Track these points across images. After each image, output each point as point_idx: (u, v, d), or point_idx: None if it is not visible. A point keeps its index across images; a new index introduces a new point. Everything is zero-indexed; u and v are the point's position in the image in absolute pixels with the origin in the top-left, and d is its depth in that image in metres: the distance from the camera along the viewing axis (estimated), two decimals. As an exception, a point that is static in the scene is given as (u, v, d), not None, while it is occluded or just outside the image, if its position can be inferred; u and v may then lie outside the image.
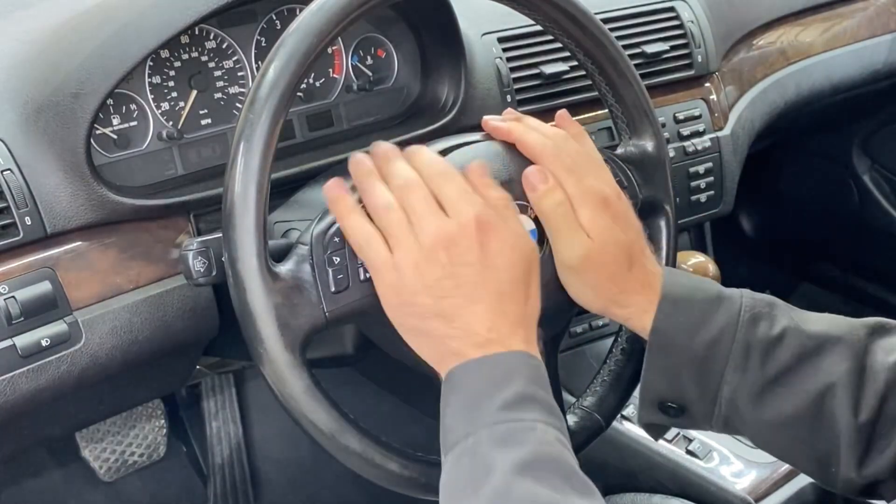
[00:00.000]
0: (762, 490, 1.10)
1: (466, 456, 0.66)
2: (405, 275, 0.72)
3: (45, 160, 0.85)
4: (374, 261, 0.74)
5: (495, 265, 0.73)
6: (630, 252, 0.81)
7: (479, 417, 0.67)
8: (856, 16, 1.60)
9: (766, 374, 0.77)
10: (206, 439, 1.63)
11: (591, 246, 0.80)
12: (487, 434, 0.66)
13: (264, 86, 0.72)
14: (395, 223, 0.74)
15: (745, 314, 0.78)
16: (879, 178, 1.87)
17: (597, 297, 0.82)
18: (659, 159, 0.93)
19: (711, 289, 0.81)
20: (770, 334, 0.77)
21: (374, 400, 1.52)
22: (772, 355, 0.77)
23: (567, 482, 0.64)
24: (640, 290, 0.81)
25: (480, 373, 0.70)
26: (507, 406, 0.67)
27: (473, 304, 0.72)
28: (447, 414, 0.70)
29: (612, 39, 0.88)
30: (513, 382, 0.68)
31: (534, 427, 0.67)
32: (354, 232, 0.75)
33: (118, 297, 0.88)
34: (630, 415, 1.20)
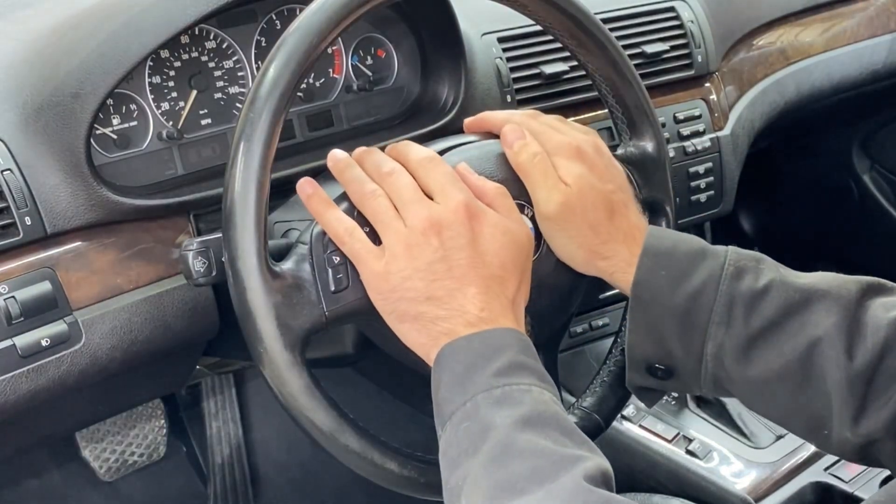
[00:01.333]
0: (762, 490, 1.10)
1: (465, 420, 0.67)
2: (396, 259, 0.73)
3: (45, 160, 0.85)
4: (359, 251, 0.74)
5: (487, 250, 0.74)
6: (610, 202, 0.81)
7: (474, 385, 0.68)
8: (856, 16, 1.60)
9: (751, 329, 0.75)
10: (206, 439, 1.63)
11: (569, 192, 0.80)
12: (484, 397, 0.67)
13: (264, 85, 0.72)
14: (383, 209, 0.74)
15: (730, 267, 0.77)
16: (879, 178, 1.87)
17: (579, 248, 0.81)
18: (659, 160, 0.93)
19: (696, 243, 0.80)
20: (755, 287, 0.76)
21: (374, 400, 1.52)
22: (756, 309, 0.75)
23: (567, 436, 0.65)
24: (622, 240, 0.80)
25: (471, 347, 0.70)
26: (501, 373, 0.68)
27: (465, 286, 0.72)
28: (440, 390, 0.70)
29: (612, 40, 0.88)
30: (504, 353, 0.69)
31: (529, 389, 0.67)
32: (334, 225, 0.75)
33: (118, 297, 0.88)
34: (630, 415, 1.20)
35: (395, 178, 0.75)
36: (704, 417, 1.20)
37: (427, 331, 0.72)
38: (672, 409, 1.21)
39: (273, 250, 0.75)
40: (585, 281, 0.89)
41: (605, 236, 0.80)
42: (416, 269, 0.72)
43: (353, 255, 0.75)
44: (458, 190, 0.75)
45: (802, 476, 1.12)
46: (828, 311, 0.74)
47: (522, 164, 0.81)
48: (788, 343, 0.75)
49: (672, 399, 1.23)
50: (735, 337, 0.76)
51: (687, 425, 1.19)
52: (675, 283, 0.77)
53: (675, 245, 0.79)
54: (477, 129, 0.88)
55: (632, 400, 1.20)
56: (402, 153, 0.79)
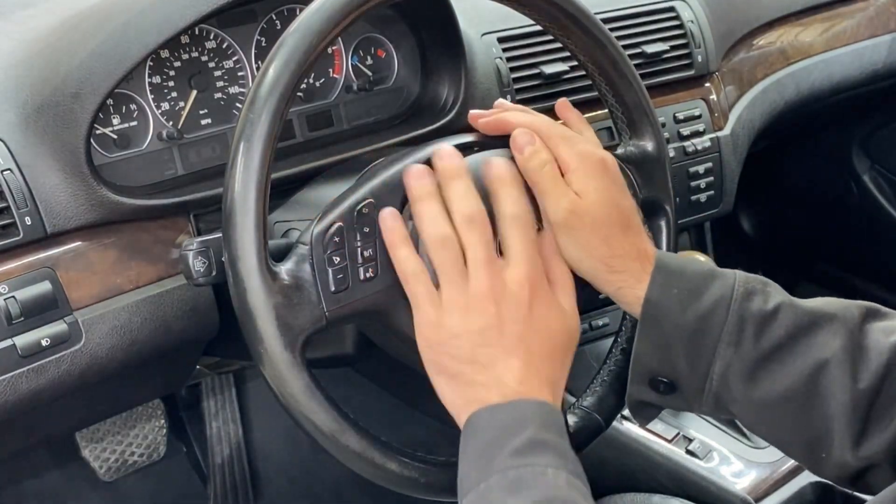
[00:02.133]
0: (762, 490, 1.10)
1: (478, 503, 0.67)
2: (450, 315, 0.73)
3: (45, 160, 0.85)
4: (420, 296, 0.74)
5: (540, 328, 0.74)
6: (628, 217, 0.81)
7: (491, 465, 0.67)
8: (856, 16, 1.60)
9: (760, 350, 0.76)
10: (206, 439, 1.63)
11: (579, 202, 0.79)
12: (498, 480, 0.66)
13: (264, 85, 0.72)
14: (450, 262, 0.74)
15: (740, 288, 0.77)
16: (879, 178, 1.87)
17: (588, 257, 0.80)
18: (659, 160, 0.93)
19: (704, 265, 0.80)
20: (765, 309, 0.76)
21: (374, 400, 1.52)
22: (766, 330, 0.76)
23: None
24: (635, 256, 0.80)
25: (494, 420, 0.70)
26: (518, 453, 0.67)
27: (510, 357, 0.72)
28: (463, 461, 0.70)
29: (612, 40, 0.88)
30: (525, 429, 0.69)
31: (544, 472, 0.67)
32: (404, 265, 0.75)
33: (118, 297, 0.88)
34: (630, 415, 1.20)
35: (472, 229, 0.75)
36: (704, 417, 1.20)
37: (461, 392, 0.73)
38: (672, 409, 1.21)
39: (273, 250, 0.75)
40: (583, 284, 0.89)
41: (619, 250, 0.80)
42: (468, 331, 0.73)
43: (412, 296, 0.75)
44: (530, 263, 0.75)
45: (802, 476, 1.12)
46: (835, 334, 0.75)
47: (531, 171, 0.80)
48: (796, 364, 0.75)
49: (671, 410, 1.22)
50: (743, 357, 0.76)
51: (687, 425, 1.19)
52: (687, 302, 0.77)
53: (685, 264, 0.80)
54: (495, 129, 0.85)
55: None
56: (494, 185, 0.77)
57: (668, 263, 0.80)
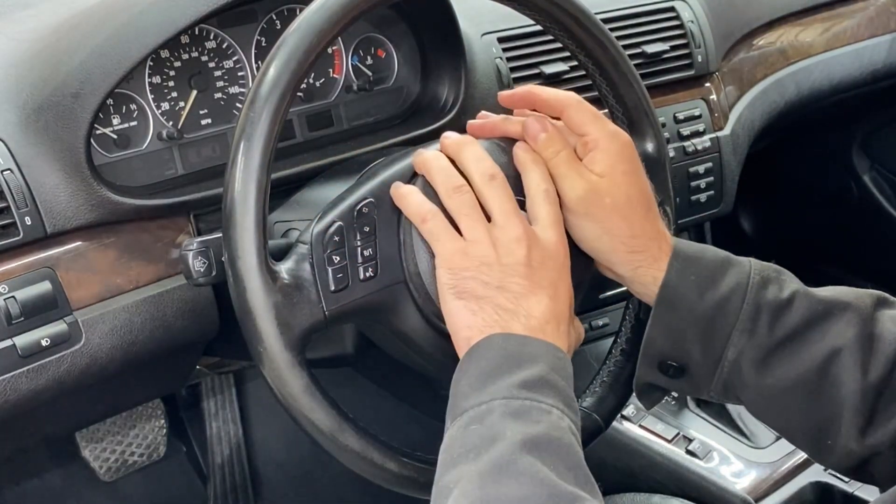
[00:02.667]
0: (762, 490, 1.10)
1: (475, 423, 0.66)
2: (477, 246, 0.73)
3: (45, 160, 0.85)
4: (439, 231, 0.74)
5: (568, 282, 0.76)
6: (649, 199, 0.81)
7: (495, 389, 0.67)
8: (856, 16, 1.60)
9: (774, 338, 0.76)
10: (206, 439, 1.63)
11: (598, 182, 0.79)
12: (501, 405, 0.66)
13: (264, 85, 0.72)
14: (468, 205, 0.75)
15: (756, 276, 0.78)
16: (879, 178, 1.87)
17: (607, 235, 0.80)
18: (659, 160, 0.92)
19: (720, 252, 0.81)
20: (780, 297, 0.77)
21: (374, 400, 1.52)
22: (781, 319, 0.76)
23: (571, 471, 0.64)
24: (654, 236, 0.80)
25: (505, 348, 0.70)
26: (526, 385, 0.67)
27: (542, 293, 0.73)
28: (462, 381, 0.69)
29: (612, 40, 0.88)
30: (536, 365, 0.68)
31: (550, 411, 0.66)
32: (416, 206, 0.75)
33: (118, 297, 0.88)
34: (630, 415, 1.20)
35: (496, 187, 0.76)
36: (704, 417, 1.20)
37: (484, 315, 0.72)
38: (672, 409, 1.21)
39: (273, 250, 0.75)
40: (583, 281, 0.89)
41: (639, 230, 0.80)
42: (499, 262, 0.73)
43: (431, 234, 0.75)
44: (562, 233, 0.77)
45: (802, 476, 1.12)
46: (848, 323, 0.75)
47: (549, 158, 0.80)
48: (809, 352, 0.76)
49: (672, 399, 1.23)
50: (757, 345, 0.77)
51: (687, 425, 1.19)
52: (703, 289, 0.78)
53: (702, 251, 0.80)
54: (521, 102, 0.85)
55: (632, 400, 1.20)
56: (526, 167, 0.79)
57: (685, 249, 0.80)
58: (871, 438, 0.73)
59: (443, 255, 0.74)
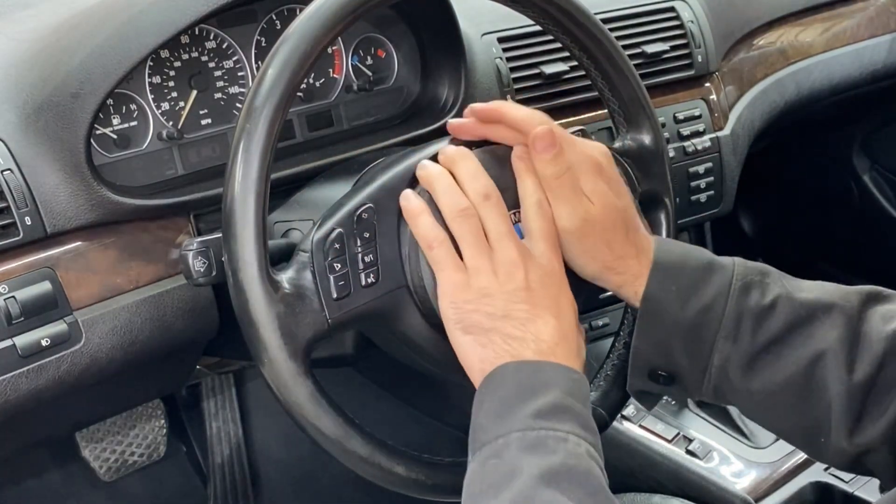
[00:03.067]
0: (762, 490, 1.10)
1: (494, 458, 0.66)
2: (478, 277, 0.73)
3: (45, 160, 0.85)
4: (444, 260, 0.74)
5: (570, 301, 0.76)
6: (625, 218, 0.81)
7: (512, 422, 0.67)
8: (856, 16, 1.60)
9: (757, 343, 0.76)
10: (206, 439, 1.63)
11: (593, 210, 0.79)
12: (518, 438, 0.66)
13: (264, 86, 0.72)
14: (473, 232, 0.75)
15: (737, 283, 0.77)
16: (879, 178, 1.86)
17: (593, 262, 0.81)
18: (657, 152, 0.92)
19: (703, 257, 0.80)
20: (762, 303, 0.77)
21: (374, 400, 1.52)
22: (763, 324, 0.76)
23: (592, 498, 0.64)
24: (635, 255, 0.80)
25: (519, 376, 0.70)
26: (541, 414, 0.67)
27: (547, 315, 0.73)
28: (480, 414, 0.70)
29: (607, 34, 0.88)
30: (550, 391, 0.69)
31: (566, 438, 0.66)
32: (426, 231, 0.75)
33: (118, 297, 0.88)
34: (630, 415, 1.20)
35: (492, 208, 0.76)
36: (704, 417, 1.20)
37: (494, 347, 0.72)
38: (672, 409, 1.21)
39: (273, 250, 0.75)
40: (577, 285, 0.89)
41: (620, 252, 0.80)
42: (501, 290, 0.73)
43: (436, 261, 0.75)
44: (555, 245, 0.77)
45: (802, 476, 1.12)
46: (832, 325, 0.75)
47: (550, 178, 0.79)
48: (793, 356, 0.76)
49: (672, 399, 1.23)
50: (741, 351, 0.77)
51: (687, 425, 1.19)
52: (685, 298, 0.78)
53: (683, 259, 0.80)
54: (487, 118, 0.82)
55: (632, 400, 1.20)
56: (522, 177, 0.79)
57: (665, 260, 0.80)
58: (861, 437, 0.73)
59: (445, 286, 0.75)
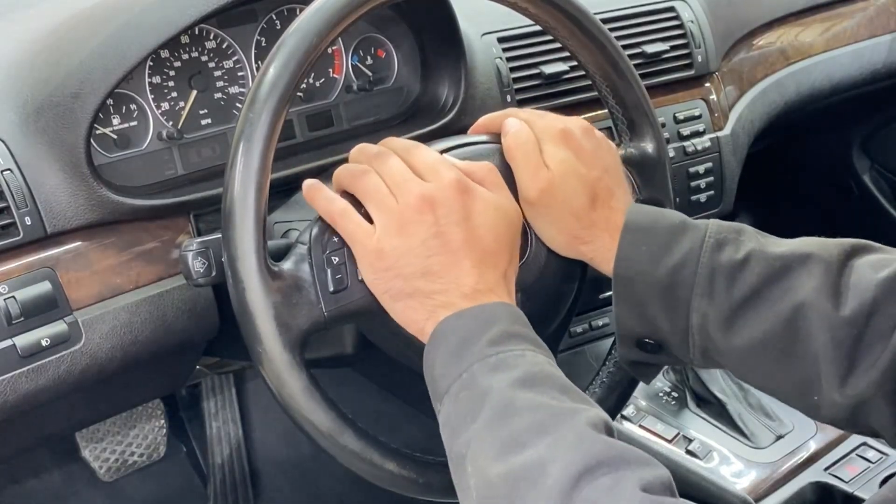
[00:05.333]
0: (762, 490, 1.10)
1: (463, 390, 0.67)
2: (389, 237, 0.73)
3: (45, 160, 0.85)
4: (354, 231, 0.74)
5: (479, 224, 0.74)
6: (593, 188, 0.81)
7: (469, 356, 0.68)
8: (856, 16, 1.60)
9: (733, 299, 0.76)
10: (206, 439, 1.63)
11: (550, 178, 0.80)
12: (480, 366, 0.67)
13: (264, 86, 0.72)
14: (373, 186, 0.75)
15: (710, 240, 0.77)
16: (879, 178, 1.87)
17: (560, 233, 0.82)
18: (659, 160, 0.93)
19: (676, 217, 0.81)
20: (735, 258, 0.76)
21: (374, 400, 1.52)
22: (737, 279, 0.76)
23: (565, 394, 0.66)
24: (604, 226, 0.81)
25: (463, 323, 0.70)
26: (495, 342, 0.68)
27: (461, 260, 0.73)
28: (436, 366, 0.70)
29: (612, 40, 0.88)
30: (497, 324, 0.70)
31: (523, 354, 0.68)
32: (325, 205, 0.75)
33: (118, 297, 0.88)
34: (630, 415, 1.20)
35: (384, 159, 0.76)
36: (704, 417, 1.20)
37: (423, 306, 0.73)
38: (672, 409, 1.21)
39: (273, 250, 0.75)
40: (574, 286, 0.89)
41: (587, 222, 0.81)
42: (411, 246, 0.72)
43: (347, 234, 0.75)
44: (448, 168, 0.76)
45: (802, 476, 1.12)
46: (809, 275, 0.75)
47: (510, 149, 0.82)
48: (771, 310, 0.75)
49: (672, 399, 1.23)
50: (718, 308, 0.76)
51: (687, 425, 1.19)
52: (657, 258, 0.78)
53: (655, 220, 0.80)
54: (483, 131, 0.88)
55: (632, 400, 1.20)
56: (387, 143, 0.80)
57: (636, 221, 0.80)
58: (853, 388, 0.72)
59: (362, 259, 0.74)
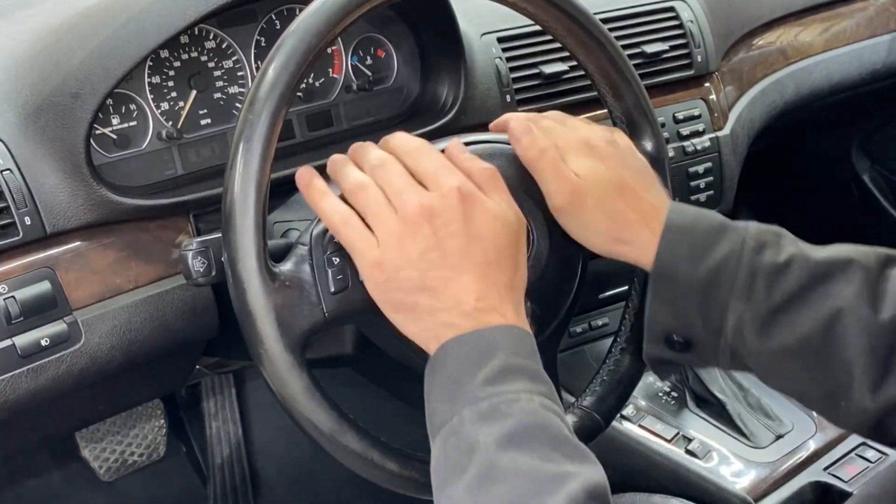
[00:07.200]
0: (762, 490, 1.10)
1: (452, 436, 0.66)
2: (389, 249, 0.72)
3: (45, 160, 0.85)
4: (355, 241, 0.73)
5: (480, 235, 0.72)
6: (622, 188, 0.81)
7: (462, 396, 0.67)
8: (856, 16, 1.60)
9: (772, 302, 0.75)
10: (206, 439, 1.63)
11: (578, 182, 0.80)
12: (470, 412, 0.65)
13: (264, 86, 0.72)
14: (373, 200, 0.73)
15: (751, 241, 0.77)
16: (879, 178, 1.86)
17: (597, 236, 0.81)
18: (658, 160, 0.93)
19: (717, 218, 0.80)
20: (776, 261, 0.76)
21: (374, 400, 1.52)
22: (778, 282, 0.75)
23: (556, 449, 0.64)
24: (643, 223, 0.80)
25: (462, 350, 0.69)
26: (489, 381, 0.66)
27: (460, 274, 0.71)
28: (432, 397, 0.69)
29: (611, 40, 0.88)
30: (495, 356, 0.68)
31: (517, 398, 0.66)
32: (329, 213, 0.74)
33: (118, 297, 0.88)
34: (630, 415, 1.20)
35: (384, 169, 0.74)
36: (704, 417, 1.20)
37: (423, 322, 0.72)
38: (672, 409, 1.21)
39: (273, 250, 0.75)
40: (574, 285, 0.89)
41: (623, 221, 0.80)
42: (410, 259, 0.71)
43: (348, 244, 0.74)
44: (450, 174, 0.74)
45: (802, 476, 1.12)
46: (848, 281, 0.74)
47: (531, 159, 0.81)
48: (809, 314, 0.75)
49: (671, 399, 1.23)
50: (756, 310, 0.76)
51: (686, 425, 1.19)
52: (697, 258, 0.77)
53: (696, 220, 0.80)
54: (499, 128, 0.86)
55: (632, 400, 1.20)
56: (391, 144, 0.78)
57: (678, 221, 0.80)
58: (885, 395, 0.71)
59: (363, 269, 0.73)
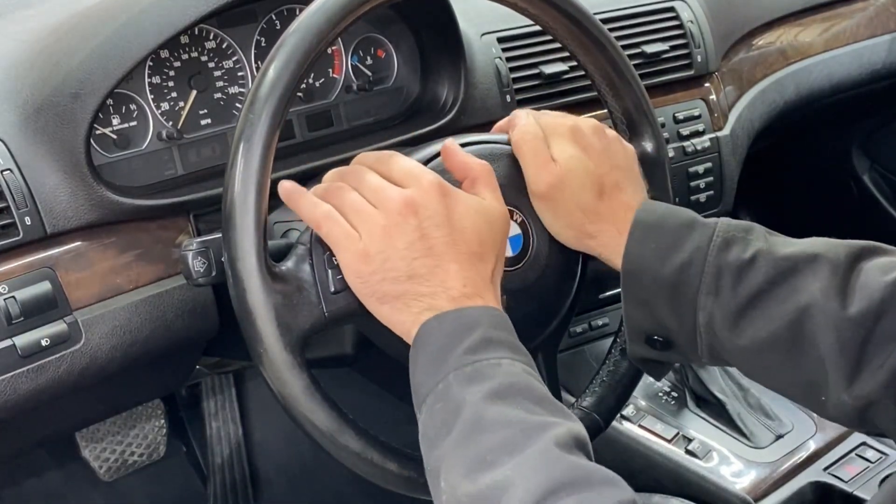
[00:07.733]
0: (762, 490, 1.10)
1: (438, 401, 0.67)
2: (374, 241, 0.72)
3: (45, 160, 0.85)
4: (338, 235, 0.73)
5: (464, 228, 0.74)
6: (600, 183, 0.82)
7: (446, 365, 0.68)
8: (855, 16, 1.60)
9: (739, 298, 0.76)
10: (206, 439, 1.63)
11: (557, 172, 0.81)
12: (455, 376, 0.67)
13: (264, 86, 0.72)
14: (352, 199, 0.74)
15: (718, 238, 0.77)
16: (879, 178, 1.87)
17: (567, 227, 0.83)
18: (658, 160, 0.93)
19: (686, 214, 0.81)
20: (742, 257, 0.76)
21: (374, 400, 1.52)
22: (743, 279, 0.76)
23: (538, 404, 0.66)
24: (611, 219, 0.81)
25: (443, 328, 0.70)
26: (472, 350, 0.68)
27: (446, 263, 0.72)
28: (416, 373, 0.71)
29: (612, 40, 0.89)
30: (476, 330, 0.69)
31: (499, 363, 0.68)
32: (310, 209, 0.74)
33: (118, 297, 0.88)
34: (630, 415, 1.20)
35: (359, 176, 0.76)
36: (704, 417, 1.20)
37: (409, 308, 0.72)
38: (672, 409, 1.21)
39: (273, 250, 0.75)
40: (574, 285, 0.89)
41: (594, 216, 0.82)
42: (396, 249, 0.72)
43: (331, 239, 0.74)
44: (426, 172, 0.75)
45: (802, 476, 1.12)
46: (815, 276, 0.75)
47: (517, 143, 0.83)
48: (777, 310, 0.75)
49: (671, 399, 1.23)
50: (724, 307, 0.76)
51: (686, 425, 1.19)
52: (664, 255, 0.78)
53: (664, 217, 0.80)
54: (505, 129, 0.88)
55: (632, 400, 1.20)
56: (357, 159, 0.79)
57: (646, 219, 0.80)
58: (860, 390, 0.72)
59: (347, 264, 0.74)
